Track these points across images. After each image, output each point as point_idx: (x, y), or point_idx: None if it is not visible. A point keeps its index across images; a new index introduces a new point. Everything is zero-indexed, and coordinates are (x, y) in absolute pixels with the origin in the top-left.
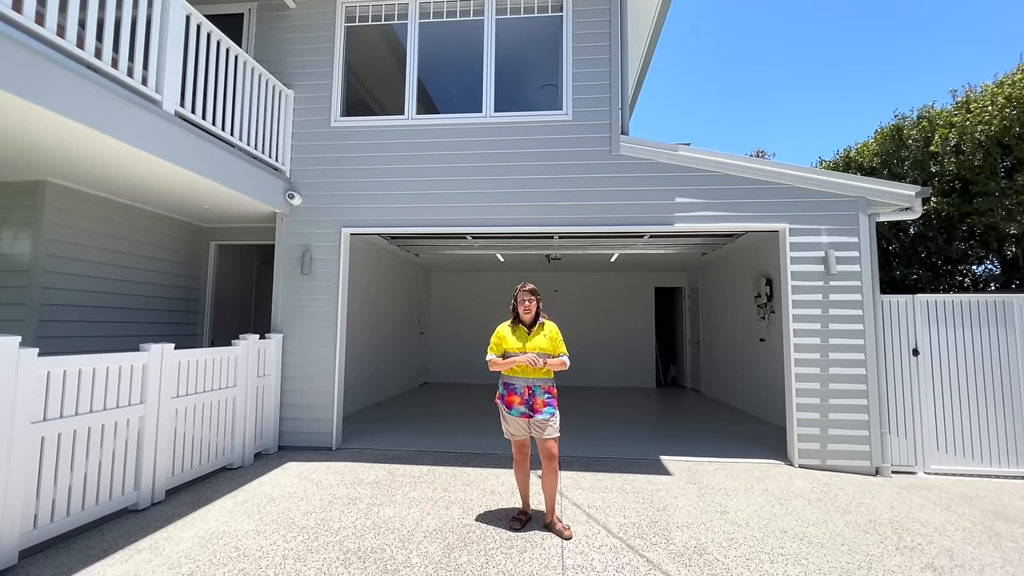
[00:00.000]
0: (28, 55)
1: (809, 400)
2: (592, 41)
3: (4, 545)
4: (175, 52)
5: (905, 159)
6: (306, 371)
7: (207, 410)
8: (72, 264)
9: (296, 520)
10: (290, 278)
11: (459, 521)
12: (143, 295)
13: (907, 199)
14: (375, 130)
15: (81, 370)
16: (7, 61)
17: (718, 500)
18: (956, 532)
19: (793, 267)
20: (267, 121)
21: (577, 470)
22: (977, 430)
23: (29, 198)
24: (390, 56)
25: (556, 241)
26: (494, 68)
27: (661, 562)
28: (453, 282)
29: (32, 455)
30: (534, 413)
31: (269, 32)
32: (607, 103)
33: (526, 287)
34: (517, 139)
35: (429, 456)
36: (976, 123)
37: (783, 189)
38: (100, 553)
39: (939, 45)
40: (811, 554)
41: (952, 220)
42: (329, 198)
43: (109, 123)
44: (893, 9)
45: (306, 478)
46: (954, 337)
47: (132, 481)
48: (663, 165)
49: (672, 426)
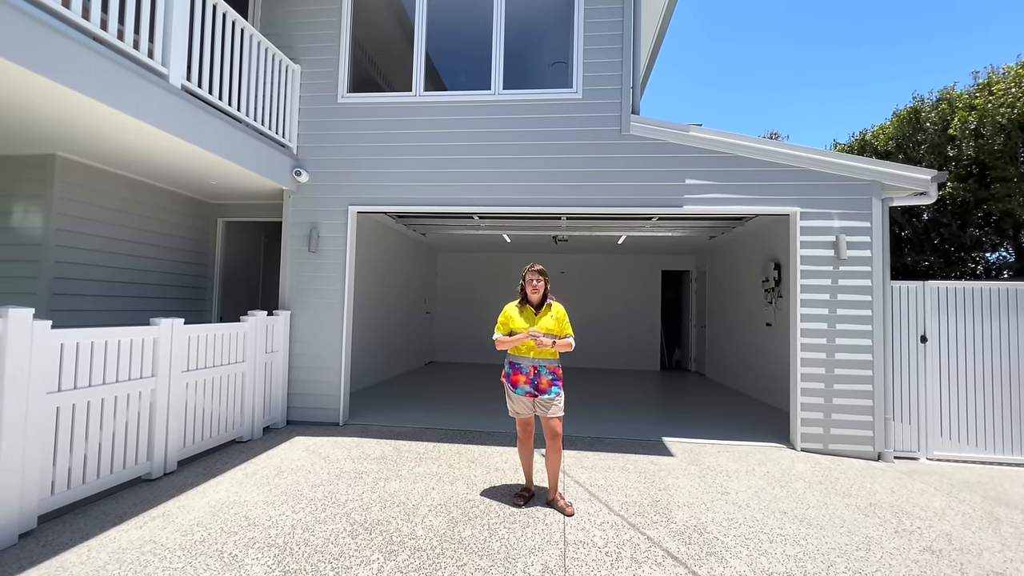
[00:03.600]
0: (34, 26)
1: (814, 385)
2: (604, 17)
3: (24, 510)
4: (181, 25)
5: (922, 143)
6: (313, 348)
7: (217, 384)
8: (82, 239)
9: (304, 492)
10: (297, 255)
11: (463, 496)
12: (152, 270)
13: (922, 184)
14: (383, 107)
15: (94, 343)
16: (13, 32)
17: (719, 481)
18: (956, 517)
19: (803, 251)
20: (274, 96)
21: (580, 450)
22: (982, 417)
23: (39, 172)
24: (398, 31)
25: (563, 222)
26: (503, 44)
27: (661, 540)
28: (460, 262)
29: (48, 424)
30: (539, 392)
31: (276, 4)
32: (618, 81)
33: (534, 268)
34: (526, 117)
35: (434, 433)
36: (998, 106)
37: (795, 172)
38: (115, 519)
39: (961, 26)
40: (810, 535)
41: (967, 206)
42: (336, 175)
43: (115, 96)
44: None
45: (314, 452)
46: (964, 324)
47: (145, 451)
48: (674, 146)
49: (675, 408)
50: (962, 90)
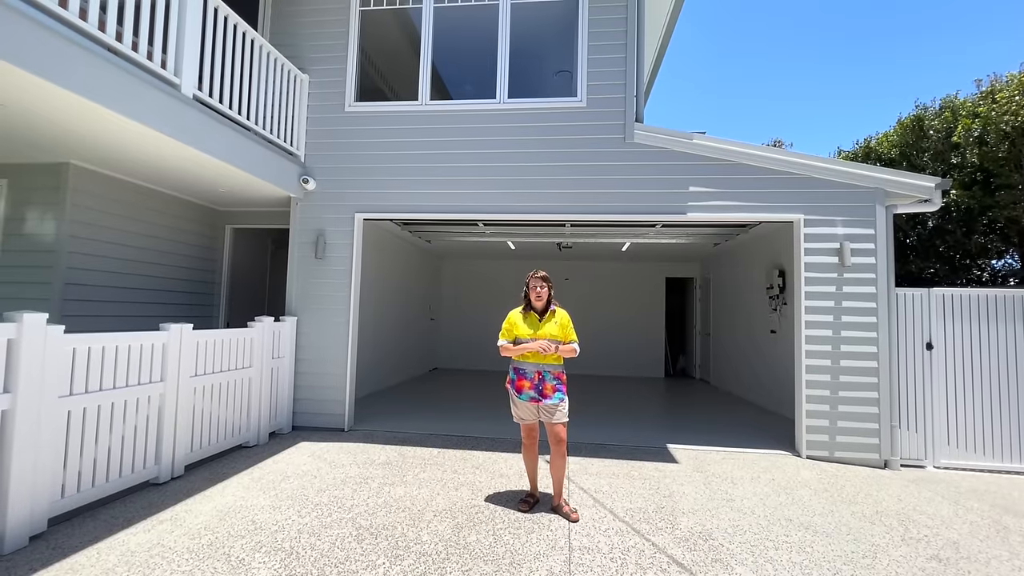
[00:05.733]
0: (52, 38)
1: (819, 392)
2: (608, 27)
3: (35, 512)
4: (193, 35)
5: (925, 150)
6: (319, 353)
7: (224, 389)
8: (94, 245)
9: (310, 497)
10: (304, 262)
11: (468, 502)
12: (162, 276)
13: (926, 191)
14: (389, 115)
15: (105, 347)
16: (31, 43)
17: (724, 488)
18: (963, 525)
19: (807, 258)
20: (282, 105)
21: (585, 456)
22: (990, 425)
23: (53, 180)
24: (404, 41)
25: (568, 229)
26: (508, 54)
27: (666, 546)
28: (464, 269)
29: (59, 428)
30: (543, 398)
31: (284, 15)
32: (622, 90)
33: (538, 274)
34: (530, 125)
35: (439, 439)
36: (1002, 113)
37: (799, 179)
38: (124, 523)
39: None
40: (816, 542)
41: (972, 213)
42: (343, 183)
43: (129, 105)
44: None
45: (319, 457)
46: (970, 332)
47: (153, 456)
48: (677, 154)
49: (680, 415)
50: (965, 98)
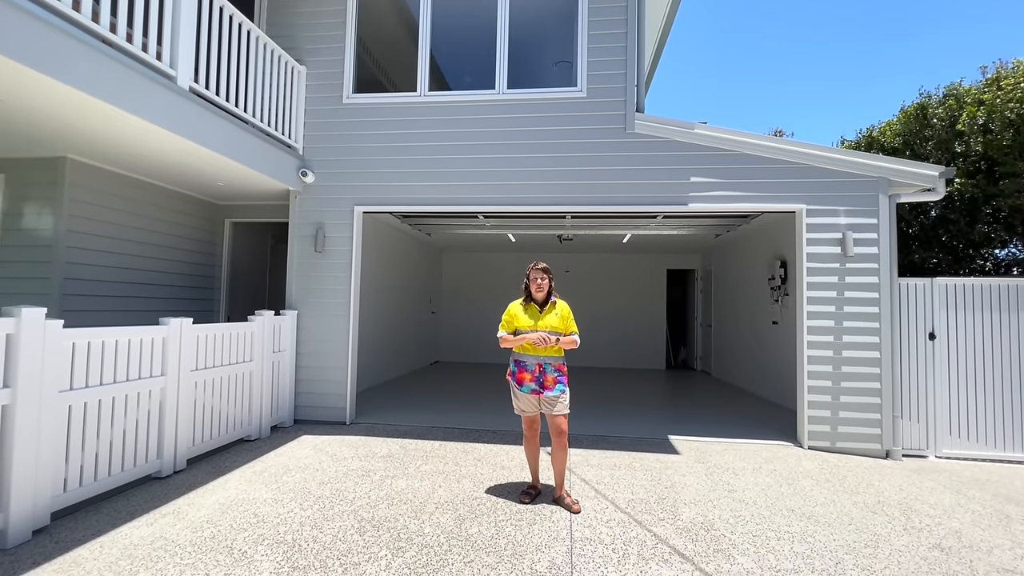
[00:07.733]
0: (45, 29)
1: (821, 383)
2: (608, 15)
3: (37, 507)
4: (189, 27)
5: (929, 139)
6: (320, 347)
7: (225, 383)
8: (93, 240)
9: (312, 490)
10: (304, 256)
11: (470, 494)
12: (161, 271)
13: (930, 180)
14: (388, 107)
15: (104, 342)
16: (25, 35)
17: (726, 479)
18: (965, 515)
19: (809, 249)
20: (280, 98)
21: (586, 447)
22: (992, 415)
23: (50, 174)
24: (402, 32)
25: (568, 221)
26: (508, 44)
27: (668, 537)
28: (465, 262)
29: (60, 422)
30: (544, 390)
31: (281, 6)
32: (622, 80)
33: (538, 265)
34: (530, 116)
35: (440, 432)
36: (1007, 101)
37: (801, 169)
38: (127, 516)
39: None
40: (818, 532)
41: (976, 202)
42: (342, 176)
43: (124, 98)
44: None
45: (321, 450)
46: (972, 322)
47: (155, 450)
48: (679, 144)
49: (681, 407)
50: (970, 85)
